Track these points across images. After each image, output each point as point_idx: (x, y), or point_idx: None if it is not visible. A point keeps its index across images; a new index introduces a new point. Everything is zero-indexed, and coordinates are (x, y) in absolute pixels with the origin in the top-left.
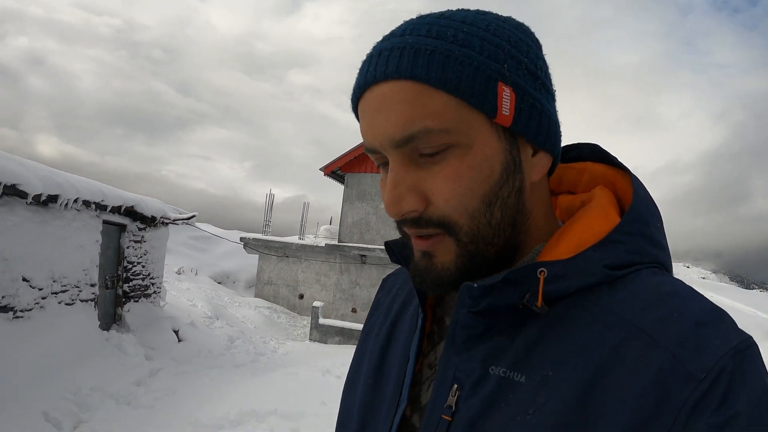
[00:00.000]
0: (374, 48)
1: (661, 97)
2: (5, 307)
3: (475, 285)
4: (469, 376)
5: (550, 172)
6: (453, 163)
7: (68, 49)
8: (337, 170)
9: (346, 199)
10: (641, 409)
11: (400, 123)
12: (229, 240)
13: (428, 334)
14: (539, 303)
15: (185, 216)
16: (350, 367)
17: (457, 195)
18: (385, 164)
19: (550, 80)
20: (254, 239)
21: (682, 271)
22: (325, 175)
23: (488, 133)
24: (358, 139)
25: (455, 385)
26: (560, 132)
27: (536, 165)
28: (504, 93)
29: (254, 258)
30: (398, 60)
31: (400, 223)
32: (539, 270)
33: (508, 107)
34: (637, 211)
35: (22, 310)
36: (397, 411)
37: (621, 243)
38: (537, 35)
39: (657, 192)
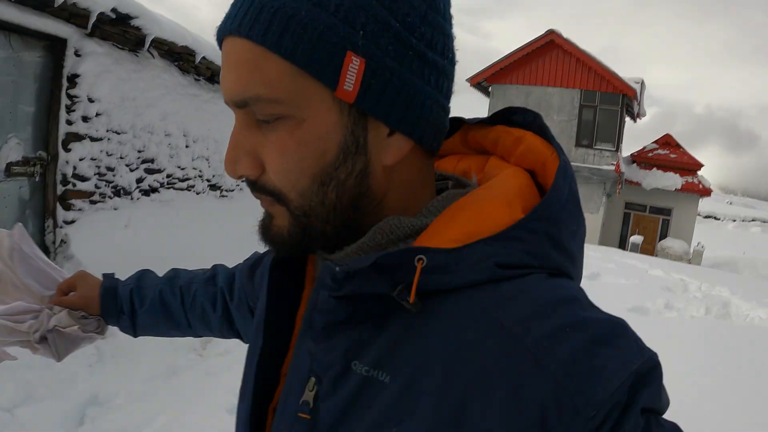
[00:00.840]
0: None
1: None
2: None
3: (337, 269)
4: (328, 370)
5: (429, 147)
6: (283, 136)
7: None
8: (482, 81)
9: (492, 111)
10: None
11: (236, 85)
12: None
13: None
14: (411, 299)
15: None
16: None
17: (284, 170)
18: None
19: (436, 46)
20: None
21: None
22: (471, 86)
23: (327, 108)
24: (504, 51)
25: (312, 379)
26: (436, 112)
27: (391, 147)
28: (352, 64)
29: None
30: (243, 15)
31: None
32: (417, 258)
33: (352, 81)
34: (549, 208)
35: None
36: (248, 407)
37: (520, 241)
38: None
39: None
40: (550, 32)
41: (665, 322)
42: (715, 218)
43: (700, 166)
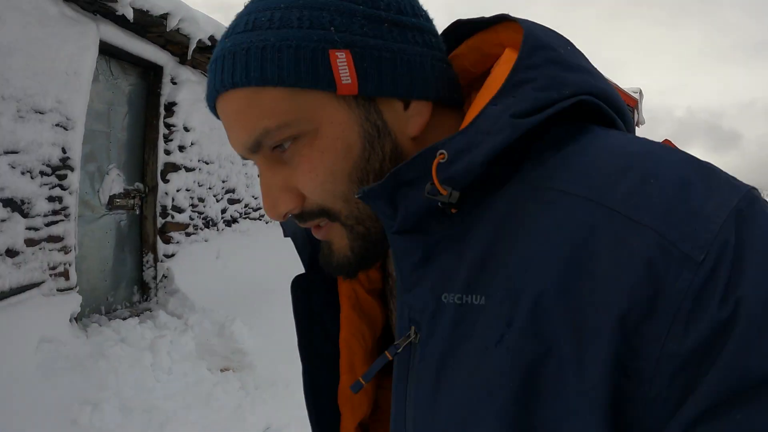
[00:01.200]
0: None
1: None
2: None
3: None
4: (424, 312)
5: (450, 102)
6: (305, 153)
7: None
8: None
9: None
10: (633, 308)
11: (242, 133)
12: None
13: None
14: (441, 190)
15: None
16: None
17: (319, 183)
18: None
19: (406, 10)
20: None
21: None
22: None
23: (334, 109)
24: None
25: (413, 327)
26: (437, 67)
27: (412, 117)
28: (339, 60)
29: None
30: (222, 70)
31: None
32: (438, 152)
33: (347, 74)
34: (535, 37)
35: None
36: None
37: (526, 82)
38: None
39: None
40: None
41: None
42: None
43: None
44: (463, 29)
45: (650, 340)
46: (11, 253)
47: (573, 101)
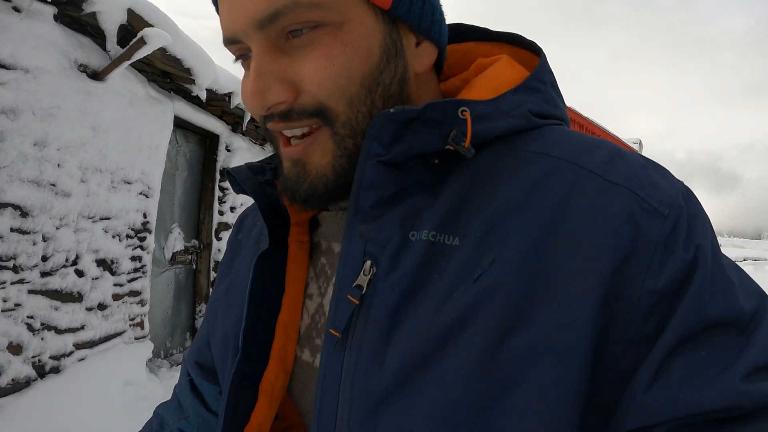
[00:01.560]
0: None
1: None
2: None
3: (392, 110)
4: (385, 247)
5: (439, 67)
6: (325, 41)
7: None
8: None
9: None
10: (617, 249)
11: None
12: None
13: (319, 271)
14: (467, 143)
15: None
16: (207, 327)
17: (332, 76)
18: (246, 57)
19: None
20: None
21: None
22: None
23: (364, 12)
24: None
25: (368, 261)
26: (446, 23)
27: (420, 55)
28: None
29: None
30: None
31: (267, 120)
32: (461, 109)
33: None
34: (546, 62)
35: None
36: (230, 373)
37: (538, 91)
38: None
39: None
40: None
41: None
42: None
43: None
44: (456, 32)
45: (631, 280)
46: (101, 306)
47: (556, 122)
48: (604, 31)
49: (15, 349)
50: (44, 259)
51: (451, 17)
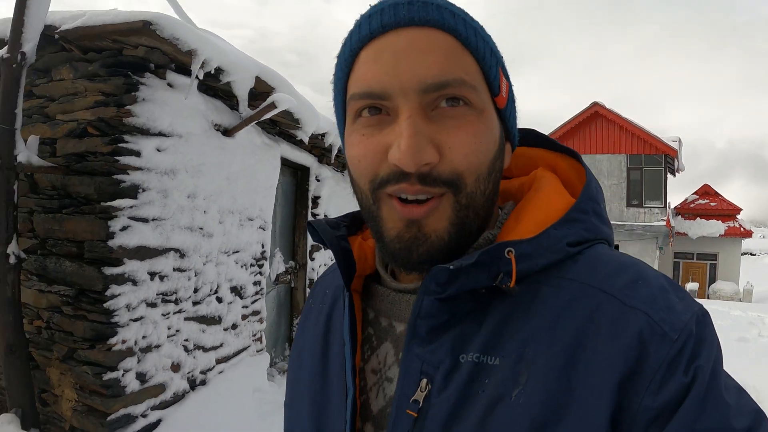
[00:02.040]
0: None
1: None
2: None
3: (451, 267)
4: (439, 368)
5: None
6: (471, 120)
7: None
8: None
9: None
10: (626, 367)
11: (436, 68)
12: None
13: (365, 338)
14: (512, 283)
15: None
16: (287, 387)
17: (476, 151)
18: (375, 113)
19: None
20: None
21: None
22: None
23: (491, 107)
24: None
25: (424, 380)
26: (515, 132)
27: (507, 153)
28: (503, 78)
29: None
30: (437, 11)
31: (396, 181)
32: (507, 250)
33: (504, 91)
34: (591, 190)
35: None
36: (347, 410)
37: (579, 221)
38: None
39: None
40: (594, 104)
41: (764, 345)
42: (751, 254)
43: (739, 210)
44: (528, 137)
45: (633, 395)
46: (234, 326)
47: (597, 242)
48: (634, 23)
49: (175, 367)
50: (195, 290)
51: (483, 10)
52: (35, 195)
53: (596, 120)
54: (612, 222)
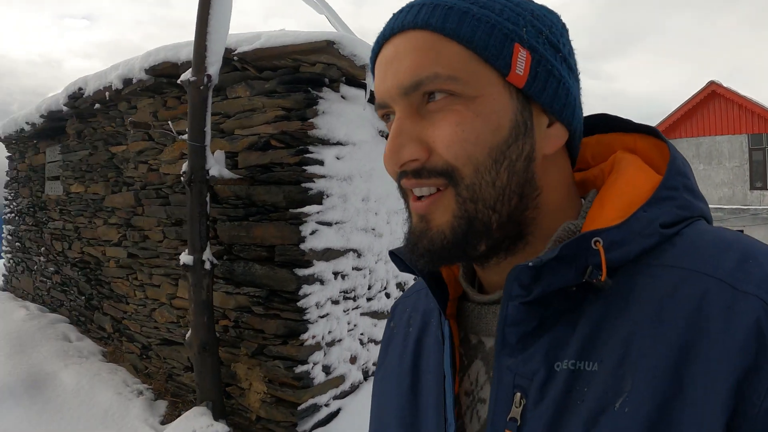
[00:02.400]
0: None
1: None
2: None
3: (530, 264)
4: (533, 379)
5: (573, 152)
6: (457, 109)
7: None
8: None
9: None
10: (743, 364)
11: (410, 69)
12: None
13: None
14: (603, 277)
15: None
16: (371, 418)
17: (460, 140)
18: (387, 118)
19: (574, 61)
20: None
21: None
22: None
23: (499, 90)
24: None
25: (518, 394)
26: (581, 111)
27: (551, 137)
28: (520, 54)
29: None
30: (416, 13)
31: (401, 177)
32: (594, 240)
33: (522, 68)
34: (676, 164)
35: None
36: None
37: (670, 199)
38: None
39: None
40: (711, 84)
41: None
42: None
43: None
44: (601, 122)
45: (753, 396)
46: None
47: (693, 219)
48: None
49: (353, 359)
50: (369, 287)
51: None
52: (218, 205)
53: (713, 100)
54: (735, 206)
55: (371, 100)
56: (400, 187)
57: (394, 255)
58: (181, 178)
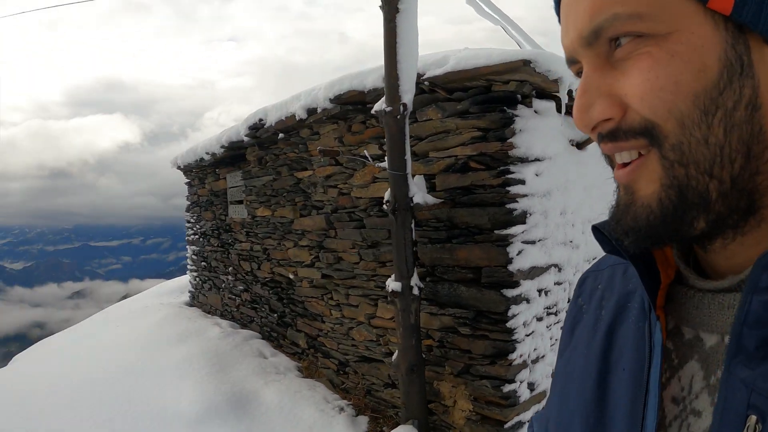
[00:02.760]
0: None
1: None
2: None
3: None
4: None
5: None
6: (648, 52)
7: None
8: None
9: None
10: None
11: (587, 14)
12: None
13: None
14: None
15: None
16: (549, 405)
17: (655, 89)
18: (578, 75)
19: None
20: None
21: None
22: None
23: (699, 21)
24: None
25: (753, 416)
26: None
27: None
28: None
29: None
30: None
31: (600, 140)
32: None
33: None
34: None
35: None
36: None
37: None
38: None
39: None
40: None
41: None
42: None
43: None
44: None
45: None
46: None
47: None
48: None
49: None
50: (568, 300)
51: None
52: (418, 228)
53: None
54: None
55: (567, 111)
56: (604, 154)
57: (597, 231)
58: (384, 206)
